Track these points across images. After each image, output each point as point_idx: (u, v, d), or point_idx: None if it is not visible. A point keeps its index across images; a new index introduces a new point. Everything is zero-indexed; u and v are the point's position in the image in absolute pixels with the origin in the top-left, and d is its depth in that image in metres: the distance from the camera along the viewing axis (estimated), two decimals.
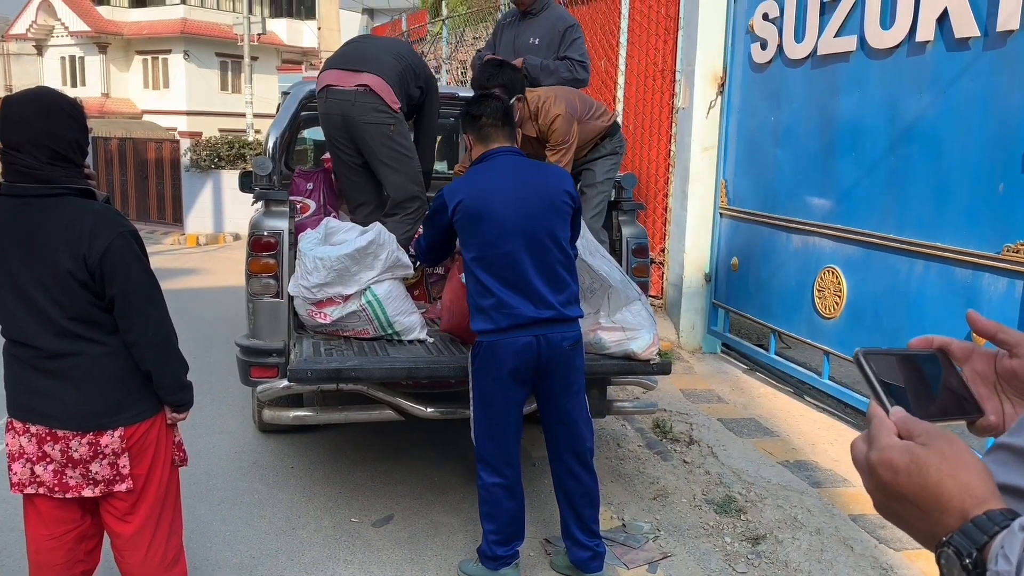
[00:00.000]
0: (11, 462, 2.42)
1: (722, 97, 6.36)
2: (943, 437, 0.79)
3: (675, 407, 5.37)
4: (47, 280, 2.28)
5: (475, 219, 3.05)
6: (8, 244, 2.29)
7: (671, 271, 6.85)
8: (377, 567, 3.41)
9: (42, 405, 2.37)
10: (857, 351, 0.88)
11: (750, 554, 3.59)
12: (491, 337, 3.04)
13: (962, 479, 0.76)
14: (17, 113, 2.27)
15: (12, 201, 2.29)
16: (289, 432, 4.76)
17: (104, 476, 2.41)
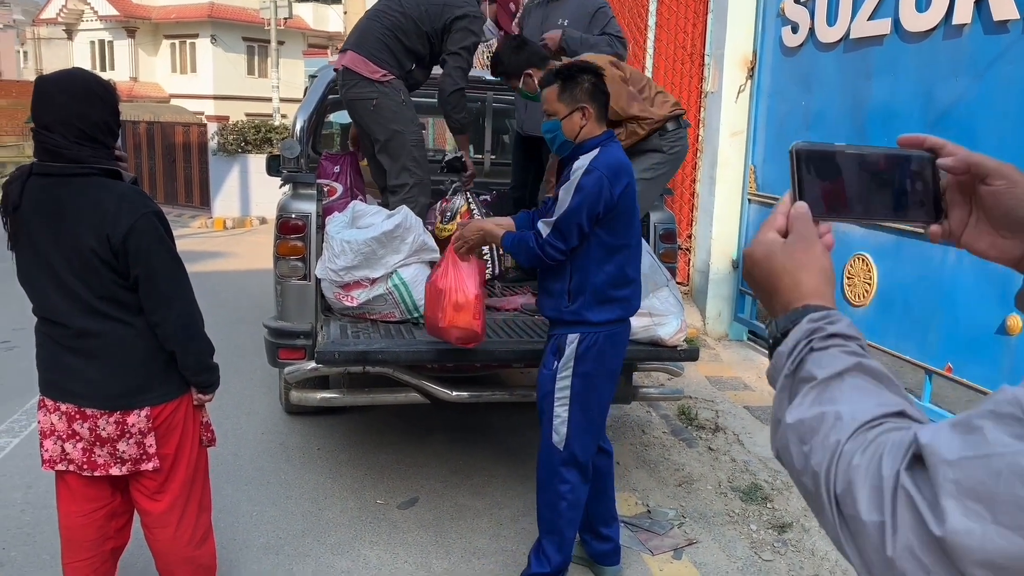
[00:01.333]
0: (43, 439, 2.46)
1: (752, 81, 6.28)
2: (805, 240, 0.89)
3: (700, 394, 5.35)
4: (73, 259, 2.30)
5: (631, 203, 2.86)
6: (38, 223, 2.32)
7: (698, 257, 6.80)
8: (402, 549, 3.43)
9: (71, 384, 2.40)
10: (794, 145, 0.91)
11: (776, 542, 3.57)
12: (612, 328, 2.91)
13: (797, 278, 0.88)
14: (48, 93, 2.29)
15: (42, 180, 2.32)
16: (315, 414, 4.79)
17: (131, 455, 2.43)
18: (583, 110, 2.85)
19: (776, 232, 0.91)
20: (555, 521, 2.99)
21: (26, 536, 3.42)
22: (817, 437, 0.75)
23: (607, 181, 2.75)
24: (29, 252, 2.36)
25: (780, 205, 0.93)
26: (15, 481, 3.92)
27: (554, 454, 2.95)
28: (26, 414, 4.86)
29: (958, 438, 0.63)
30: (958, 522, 0.61)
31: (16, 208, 2.32)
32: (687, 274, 7.01)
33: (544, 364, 2.99)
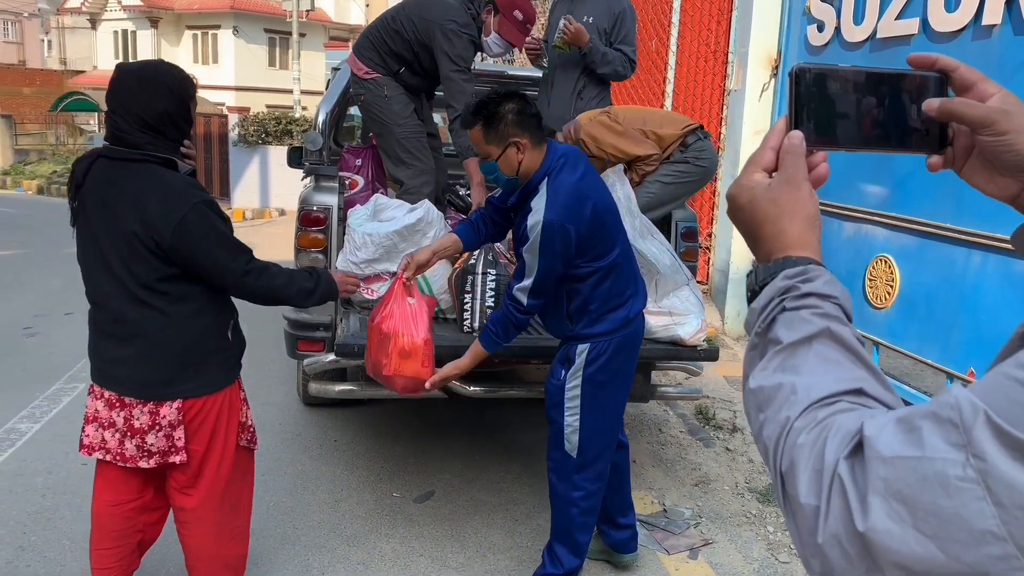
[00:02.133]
0: (86, 424, 2.49)
1: (776, 80, 6.24)
2: (790, 183, 0.83)
3: (718, 394, 5.32)
4: (119, 243, 2.32)
5: (603, 219, 2.75)
6: (94, 204, 2.36)
7: (718, 257, 6.77)
8: (418, 542, 3.44)
9: (112, 370, 2.44)
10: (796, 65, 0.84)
11: (792, 545, 3.54)
12: (622, 333, 2.85)
13: (781, 226, 0.83)
14: (120, 80, 2.34)
15: (105, 162, 2.37)
16: (332, 406, 4.81)
17: (159, 447, 2.44)
18: (516, 144, 2.68)
19: (763, 171, 0.86)
20: (568, 526, 2.97)
21: (46, 520, 3.45)
22: (771, 408, 0.74)
23: (568, 225, 2.62)
24: (85, 232, 2.40)
25: (771, 136, 0.86)
26: (36, 466, 3.96)
27: (568, 460, 2.92)
28: (47, 400, 4.90)
29: (899, 436, 0.63)
30: (880, 521, 0.61)
31: (79, 187, 2.37)
32: (707, 273, 6.97)
33: (552, 374, 2.92)
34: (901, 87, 0.85)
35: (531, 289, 2.69)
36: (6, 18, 40.53)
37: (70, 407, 4.80)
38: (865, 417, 0.67)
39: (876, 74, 0.84)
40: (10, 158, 22.99)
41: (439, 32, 3.83)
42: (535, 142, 2.72)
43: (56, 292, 7.84)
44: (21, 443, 4.24)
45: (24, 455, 4.09)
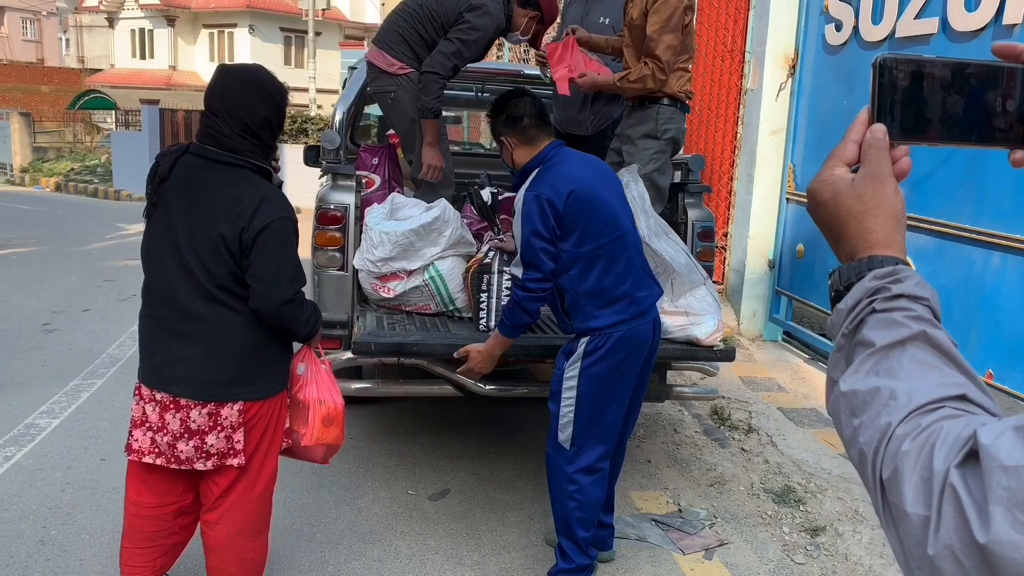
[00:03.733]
0: (133, 428, 2.48)
1: (793, 79, 6.21)
2: (875, 178, 0.80)
3: (734, 394, 5.31)
4: (201, 242, 2.34)
5: (589, 207, 2.84)
6: (178, 199, 2.37)
7: (733, 257, 6.74)
8: (433, 540, 3.45)
9: (170, 371, 2.41)
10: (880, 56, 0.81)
11: (809, 545, 3.53)
12: (623, 328, 2.87)
13: (866, 223, 0.80)
14: (224, 82, 2.39)
15: (195, 160, 2.39)
16: (348, 404, 4.80)
17: (219, 449, 2.44)
18: (505, 142, 3.03)
19: (845, 166, 0.83)
20: (567, 521, 2.98)
21: (66, 515, 3.48)
22: (868, 413, 0.72)
23: (544, 199, 2.79)
24: (161, 226, 2.40)
25: (852, 130, 0.84)
26: (55, 461, 4.00)
27: (561, 453, 2.96)
28: (66, 395, 4.95)
29: (1020, 444, 0.60)
30: (1004, 532, 0.58)
31: (163, 180, 2.38)
32: (722, 273, 6.95)
33: (556, 365, 3.01)
34: (986, 79, 0.82)
35: (522, 262, 2.87)
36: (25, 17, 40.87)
37: (89, 402, 4.84)
38: (975, 424, 0.65)
39: (961, 65, 0.82)
40: (29, 155, 23.18)
41: (474, 9, 3.94)
42: (523, 141, 3.01)
43: (74, 289, 7.90)
44: (40, 438, 4.28)
45: (44, 450, 4.13)
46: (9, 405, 4.73)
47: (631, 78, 3.71)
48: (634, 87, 3.73)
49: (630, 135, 3.89)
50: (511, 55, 11.73)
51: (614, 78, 3.78)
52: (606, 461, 3.03)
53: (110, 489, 3.68)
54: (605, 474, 3.05)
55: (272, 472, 2.68)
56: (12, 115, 23.28)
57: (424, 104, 3.94)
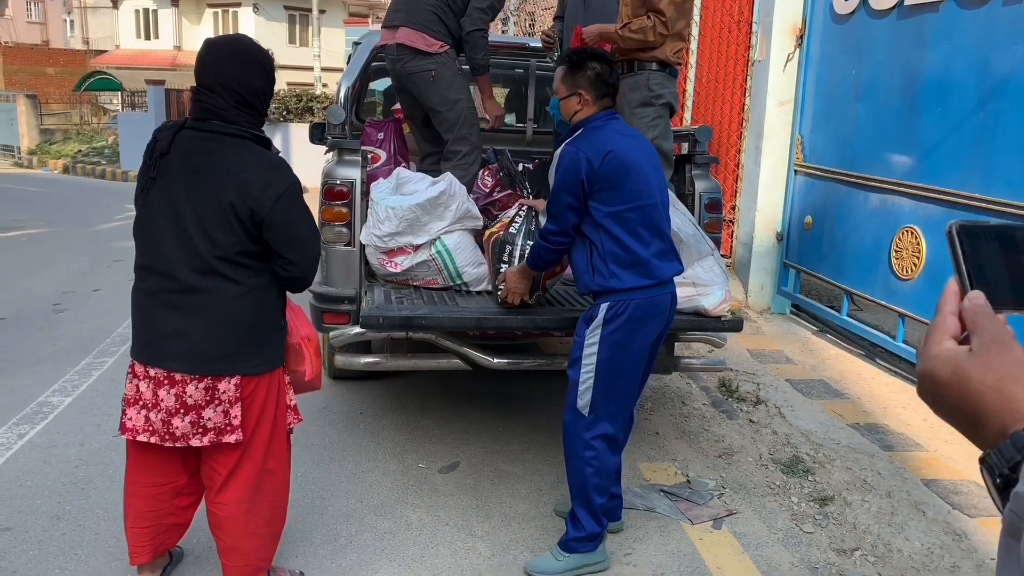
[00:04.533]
0: (126, 407, 2.48)
1: (800, 50, 6.16)
2: (998, 344, 0.73)
3: (742, 367, 5.31)
4: (205, 214, 2.34)
5: (624, 170, 2.89)
6: (179, 173, 2.37)
7: (741, 229, 6.72)
8: (443, 511, 3.48)
9: (166, 345, 2.41)
10: (951, 224, 0.78)
11: (817, 515, 3.55)
12: (641, 295, 2.90)
13: (1007, 392, 0.71)
14: (214, 56, 2.40)
15: (195, 134, 2.39)
16: (358, 378, 4.86)
17: (216, 424, 2.44)
18: (579, 96, 3.00)
19: (951, 340, 0.75)
20: (583, 488, 3.01)
21: (80, 491, 3.52)
22: None
23: (584, 156, 2.85)
24: (161, 200, 2.39)
25: (945, 302, 0.77)
26: (69, 438, 4.04)
27: (579, 420, 2.98)
28: (78, 374, 4.99)
29: None
30: None
31: (163, 155, 2.38)
32: (730, 246, 6.93)
33: (576, 332, 3.02)
34: None
35: (548, 212, 2.97)
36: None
37: (100, 380, 4.88)
38: None
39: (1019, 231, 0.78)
40: (36, 138, 23.20)
41: None
42: (595, 101, 3.00)
43: (84, 270, 7.94)
44: (53, 416, 4.32)
45: (57, 428, 4.17)
46: (22, 384, 4.78)
47: (632, 27, 3.72)
48: (634, 37, 3.72)
49: (623, 105, 3.88)
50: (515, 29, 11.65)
51: (615, 27, 3.79)
52: (622, 429, 3.06)
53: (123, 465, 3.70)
54: (622, 442, 3.09)
55: (281, 449, 2.68)
56: (19, 97, 23.28)
57: (478, 62, 4.21)
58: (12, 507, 3.36)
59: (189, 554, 3.02)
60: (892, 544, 3.30)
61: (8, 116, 22.99)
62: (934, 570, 3.13)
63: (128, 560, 2.76)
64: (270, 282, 2.50)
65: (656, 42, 3.73)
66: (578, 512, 3.03)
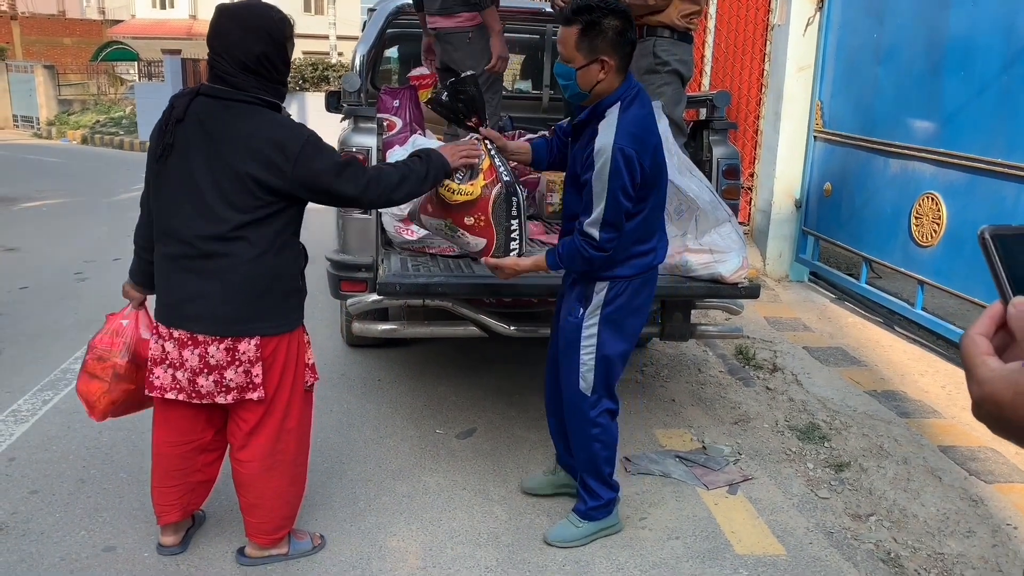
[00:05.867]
0: (153, 366, 2.55)
1: (821, 13, 6.06)
2: None
3: (759, 334, 5.30)
4: (223, 179, 2.38)
5: (660, 162, 2.72)
6: (196, 139, 2.40)
7: (760, 196, 6.67)
8: (461, 476, 3.51)
9: (188, 308, 2.48)
10: (983, 229, 0.76)
11: (833, 480, 3.56)
12: (641, 277, 2.84)
13: None
14: (219, 21, 2.42)
15: (208, 101, 2.42)
16: (375, 346, 4.89)
17: (238, 383, 2.51)
18: (602, 63, 2.59)
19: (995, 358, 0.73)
20: (594, 461, 3.01)
21: (104, 456, 3.58)
22: None
23: (636, 157, 2.56)
24: (179, 166, 2.42)
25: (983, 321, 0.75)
26: None
27: (582, 401, 2.93)
28: None
29: None
30: None
31: (179, 121, 2.41)
32: (748, 214, 6.89)
33: (569, 312, 2.88)
34: None
35: (603, 220, 2.60)
36: None
37: None
38: None
39: None
40: (54, 108, 23.29)
41: None
42: (620, 68, 2.64)
43: (104, 238, 8.00)
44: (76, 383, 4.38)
45: None
46: (46, 352, 4.84)
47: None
48: (637, 1, 3.65)
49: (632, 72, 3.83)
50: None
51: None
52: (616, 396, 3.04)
53: (145, 430, 3.74)
54: (619, 408, 3.07)
55: (301, 407, 2.74)
56: (36, 68, 23.33)
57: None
58: (38, 471, 3.43)
59: (212, 516, 3.07)
60: (908, 509, 3.31)
61: (27, 87, 23.07)
62: (950, 535, 3.14)
63: (154, 521, 2.82)
64: (286, 243, 2.54)
65: (658, 4, 3.69)
66: (591, 483, 3.05)
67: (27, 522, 3.06)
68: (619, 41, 2.59)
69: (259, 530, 2.76)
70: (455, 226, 2.91)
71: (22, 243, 7.78)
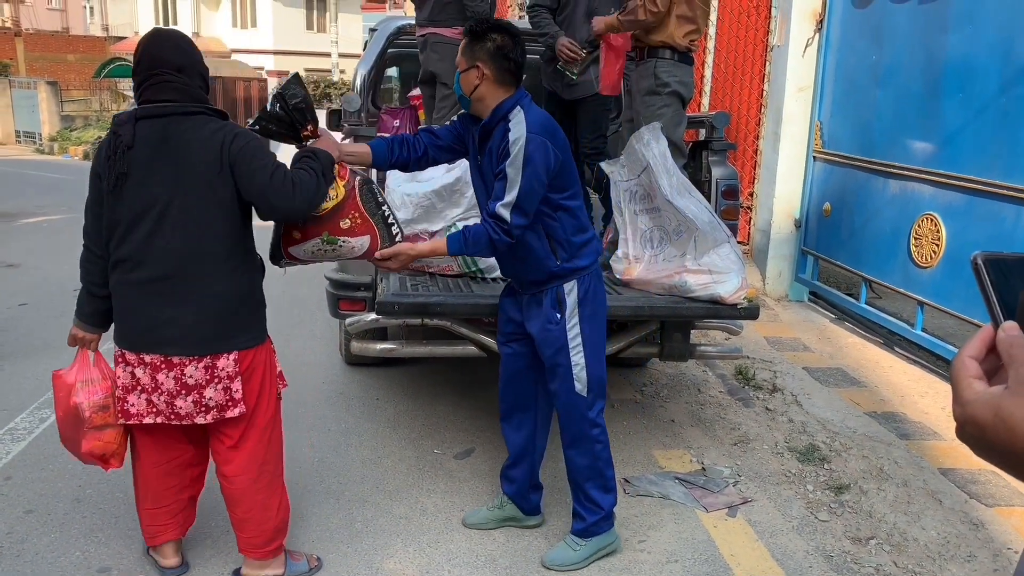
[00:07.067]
0: (125, 394, 2.53)
1: (820, 35, 6.09)
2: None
3: (758, 354, 5.29)
4: (192, 195, 2.42)
5: (568, 155, 2.86)
6: (156, 162, 2.42)
7: (759, 216, 6.68)
8: (459, 497, 3.50)
9: (164, 331, 2.47)
10: (976, 255, 0.76)
11: (833, 503, 3.54)
12: (595, 268, 2.97)
13: None
14: (177, 41, 2.58)
15: (155, 121, 2.43)
16: (374, 365, 4.88)
17: (218, 401, 2.51)
18: (477, 69, 2.77)
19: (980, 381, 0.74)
20: (595, 464, 3.03)
21: (100, 476, 3.55)
22: None
23: (549, 144, 2.72)
24: (138, 193, 2.42)
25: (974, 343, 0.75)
26: None
27: (579, 403, 2.96)
28: None
29: None
30: None
31: (129, 148, 2.41)
32: (747, 233, 6.90)
33: (547, 319, 2.91)
34: None
35: (515, 204, 2.69)
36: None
37: None
38: None
39: None
40: (57, 124, 23.36)
41: None
42: (498, 80, 2.78)
43: None
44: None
45: None
46: (43, 369, 4.82)
47: (627, 13, 3.76)
48: (627, 19, 3.76)
49: (634, 92, 3.93)
50: None
51: (615, 15, 3.83)
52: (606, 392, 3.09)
53: None
54: None
55: (275, 415, 2.76)
56: (39, 84, 23.42)
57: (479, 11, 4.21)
58: (34, 490, 3.42)
59: (207, 537, 3.05)
60: (908, 533, 3.29)
61: (30, 103, 23.15)
62: (951, 559, 3.12)
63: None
64: (253, 259, 2.60)
65: (649, 21, 3.73)
66: (592, 494, 3.04)
67: (22, 542, 3.04)
68: (497, 55, 2.77)
69: (252, 544, 2.75)
70: (334, 237, 2.76)
71: (23, 259, 7.79)
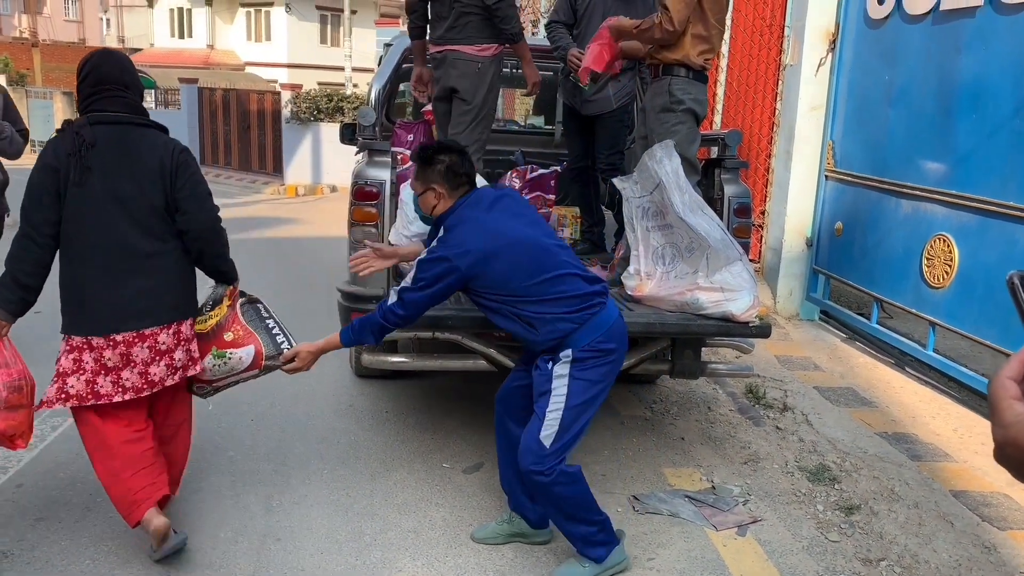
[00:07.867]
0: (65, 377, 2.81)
1: (833, 54, 6.11)
2: None
3: (769, 373, 5.28)
4: (146, 190, 2.81)
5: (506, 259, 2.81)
6: (113, 160, 2.79)
7: (771, 235, 6.68)
8: (467, 512, 3.49)
9: (136, 305, 2.81)
10: (1012, 274, 0.78)
11: (843, 524, 3.52)
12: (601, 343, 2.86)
13: None
14: (123, 64, 2.98)
15: (111, 127, 2.82)
16: (384, 378, 4.89)
17: (183, 362, 2.92)
18: (434, 191, 2.97)
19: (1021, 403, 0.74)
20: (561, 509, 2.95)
21: None
22: None
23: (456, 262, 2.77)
24: (100, 187, 2.77)
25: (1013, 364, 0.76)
26: None
27: (536, 448, 2.83)
28: None
29: None
30: None
31: (92, 146, 2.75)
32: (759, 252, 6.89)
33: (537, 365, 2.92)
34: None
35: (402, 288, 2.83)
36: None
37: None
38: None
39: None
40: None
41: None
42: (451, 192, 2.98)
43: None
44: None
45: None
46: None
47: (643, 26, 3.78)
48: (644, 35, 3.79)
49: (648, 109, 3.96)
50: None
51: (632, 23, 3.86)
52: None
53: None
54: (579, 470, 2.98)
55: None
56: (55, 95, 23.66)
57: (510, 31, 4.16)
58: (46, 498, 3.43)
59: (203, 551, 3.05)
60: (919, 555, 3.27)
61: (45, 112, 23.37)
62: None
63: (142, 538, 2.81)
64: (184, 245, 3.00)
65: (663, 38, 3.74)
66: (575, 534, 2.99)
67: (32, 550, 3.05)
68: (448, 173, 2.96)
69: (176, 480, 3.14)
70: (222, 351, 3.04)
71: None
